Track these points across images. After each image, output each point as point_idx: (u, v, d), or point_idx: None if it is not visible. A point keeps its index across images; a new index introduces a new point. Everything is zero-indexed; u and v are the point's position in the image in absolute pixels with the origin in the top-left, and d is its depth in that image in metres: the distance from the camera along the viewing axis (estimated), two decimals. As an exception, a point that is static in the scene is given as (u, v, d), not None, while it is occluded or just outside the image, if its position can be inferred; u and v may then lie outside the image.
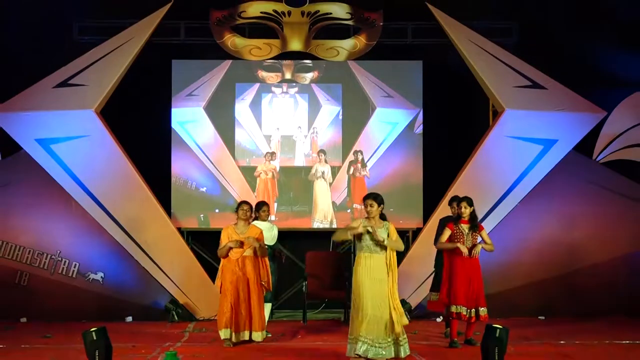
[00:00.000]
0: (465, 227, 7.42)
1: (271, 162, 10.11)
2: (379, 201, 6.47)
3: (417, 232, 9.86)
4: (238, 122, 10.14)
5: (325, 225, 10.04)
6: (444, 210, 8.70)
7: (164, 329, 8.77)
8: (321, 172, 10.07)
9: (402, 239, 6.70)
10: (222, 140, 10.09)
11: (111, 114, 9.44)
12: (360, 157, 10.12)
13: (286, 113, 10.24)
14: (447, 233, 7.46)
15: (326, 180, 10.10)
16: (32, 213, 9.60)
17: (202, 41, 9.99)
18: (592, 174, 9.96)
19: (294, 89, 10.25)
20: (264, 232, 7.90)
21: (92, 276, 9.64)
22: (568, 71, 9.78)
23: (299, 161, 10.19)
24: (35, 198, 9.57)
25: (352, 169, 10.13)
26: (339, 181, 10.14)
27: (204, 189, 10.05)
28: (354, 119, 10.21)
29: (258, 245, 7.53)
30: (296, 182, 10.17)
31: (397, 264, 6.52)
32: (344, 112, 10.21)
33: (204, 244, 9.95)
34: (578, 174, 9.84)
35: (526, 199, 9.54)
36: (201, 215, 10.03)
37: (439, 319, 9.07)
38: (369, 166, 10.13)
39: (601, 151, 10.07)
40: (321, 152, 10.14)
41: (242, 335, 7.52)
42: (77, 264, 9.63)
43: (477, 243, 7.41)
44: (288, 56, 10.11)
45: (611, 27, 10.05)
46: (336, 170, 10.15)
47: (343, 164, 10.16)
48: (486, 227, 7.94)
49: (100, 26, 9.76)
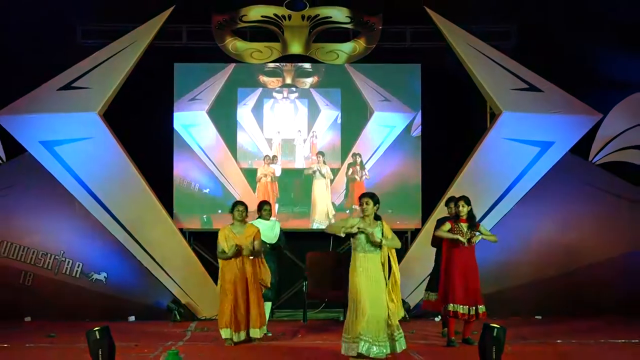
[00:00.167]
0: (464, 225, 7.44)
1: (270, 165, 10.21)
2: (374, 200, 6.54)
3: (416, 233, 9.92)
4: (240, 125, 10.22)
5: (324, 226, 10.10)
6: (442, 211, 8.70)
7: (166, 328, 8.82)
8: (317, 168, 10.14)
9: (400, 240, 6.77)
10: (224, 143, 10.18)
11: (114, 116, 9.51)
12: (358, 159, 10.20)
13: (287, 117, 10.33)
14: (447, 225, 7.47)
15: (325, 177, 10.18)
16: (37, 214, 9.68)
17: (204, 45, 10.03)
18: (588, 175, 10.03)
19: (294, 94, 10.32)
20: (266, 231, 7.97)
21: (96, 276, 9.73)
22: (566, 73, 9.82)
23: (299, 163, 10.28)
24: (40, 199, 9.65)
25: (350, 170, 10.22)
26: (337, 183, 10.23)
27: (207, 190, 10.14)
28: (352, 122, 10.28)
29: (252, 249, 7.56)
30: (296, 184, 10.26)
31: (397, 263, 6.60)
32: (343, 116, 10.28)
33: (206, 245, 9.97)
34: (575, 175, 9.91)
35: (523, 200, 9.60)
36: (204, 216, 10.12)
37: (437, 318, 9.09)
38: (367, 168, 10.21)
39: (597, 153, 10.10)
40: (320, 154, 10.23)
41: (243, 334, 7.56)
42: (81, 264, 9.71)
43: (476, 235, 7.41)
44: (288, 59, 10.17)
45: (610, 29, 10.05)
46: (335, 173, 10.23)
47: (342, 166, 10.23)
48: (484, 229, 8.02)
49: (103, 29, 9.81)
